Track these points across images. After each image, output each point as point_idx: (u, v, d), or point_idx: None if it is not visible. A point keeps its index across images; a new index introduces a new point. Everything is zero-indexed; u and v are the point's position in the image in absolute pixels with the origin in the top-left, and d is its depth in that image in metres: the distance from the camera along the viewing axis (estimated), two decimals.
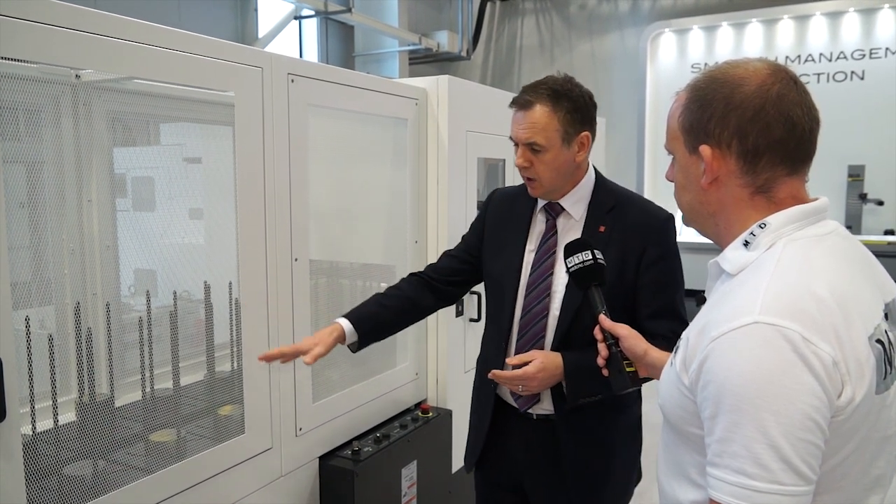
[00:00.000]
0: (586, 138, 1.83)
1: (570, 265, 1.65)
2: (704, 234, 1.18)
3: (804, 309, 0.93)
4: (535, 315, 1.85)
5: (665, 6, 10.02)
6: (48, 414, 1.74)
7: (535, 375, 1.74)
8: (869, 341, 0.96)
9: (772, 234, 1.04)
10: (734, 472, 0.91)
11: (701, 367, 0.97)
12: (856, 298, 0.99)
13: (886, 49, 8.82)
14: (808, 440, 0.89)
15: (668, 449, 1.15)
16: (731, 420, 0.91)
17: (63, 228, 1.97)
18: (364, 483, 2.29)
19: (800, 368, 0.89)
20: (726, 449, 0.92)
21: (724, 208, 1.10)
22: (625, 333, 1.50)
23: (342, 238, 2.68)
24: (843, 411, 0.92)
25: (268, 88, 2.01)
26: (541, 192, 1.87)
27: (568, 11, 10.66)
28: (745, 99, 1.04)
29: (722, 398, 0.93)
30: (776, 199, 1.06)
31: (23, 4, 1.39)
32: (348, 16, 7.60)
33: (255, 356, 2.01)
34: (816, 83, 9.02)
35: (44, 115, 1.83)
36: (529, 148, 1.80)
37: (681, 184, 1.16)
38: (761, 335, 0.91)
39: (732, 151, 1.05)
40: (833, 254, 1.03)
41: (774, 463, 0.89)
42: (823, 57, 9.05)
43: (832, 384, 0.91)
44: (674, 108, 1.15)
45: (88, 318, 2.01)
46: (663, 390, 1.12)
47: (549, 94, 1.78)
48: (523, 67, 10.96)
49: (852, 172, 8.76)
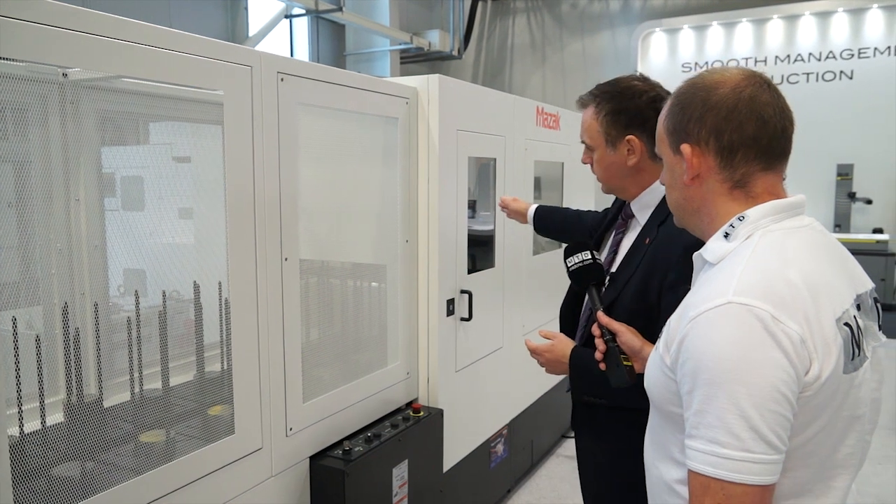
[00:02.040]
0: (634, 142, 1.77)
1: (570, 265, 1.74)
2: (692, 231, 1.26)
3: (775, 291, 1.00)
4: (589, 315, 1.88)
5: (656, 6, 10.04)
6: (36, 415, 1.73)
7: (542, 354, 1.84)
8: (837, 323, 1.04)
9: (750, 226, 1.12)
10: (708, 441, 0.98)
11: (680, 346, 1.04)
12: (825, 283, 1.06)
13: (875, 49, 8.88)
14: (777, 411, 0.96)
15: (653, 431, 1.22)
16: (707, 393, 0.98)
17: (51, 228, 1.95)
18: (355, 483, 2.28)
19: (769, 345, 0.97)
20: (702, 420, 0.99)
21: (707, 203, 1.18)
22: (621, 329, 1.58)
23: (332, 237, 2.67)
24: (810, 387, 0.99)
25: (257, 87, 2.00)
26: (603, 189, 1.93)
27: (559, 10, 10.68)
28: (721, 100, 1.13)
29: (698, 373, 1.00)
30: (753, 194, 1.15)
31: (10, 2, 1.38)
32: (339, 14, 7.58)
33: (245, 356, 2.01)
34: (806, 82, 9.08)
35: (31, 114, 1.82)
36: (586, 146, 1.88)
37: (668, 183, 1.26)
38: (734, 314, 0.99)
39: (710, 148, 1.15)
40: (806, 243, 1.11)
41: (745, 432, 0.95)
42: (813, 56, 9.11)
43: (800, 360, 0.98)
44: (661, 115, 1.25)
45: (76, 318, 2.00)
46: (649, 374, 1.19)
47: (598, 95, 1.82)
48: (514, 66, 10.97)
49: (841, 171, 8.82)
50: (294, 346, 2.21)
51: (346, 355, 2.63)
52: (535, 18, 10.81)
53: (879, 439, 4.36)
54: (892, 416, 4.84)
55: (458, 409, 3.05)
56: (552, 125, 3.99)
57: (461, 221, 3.03)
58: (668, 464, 1.16)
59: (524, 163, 3.64)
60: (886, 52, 8.77)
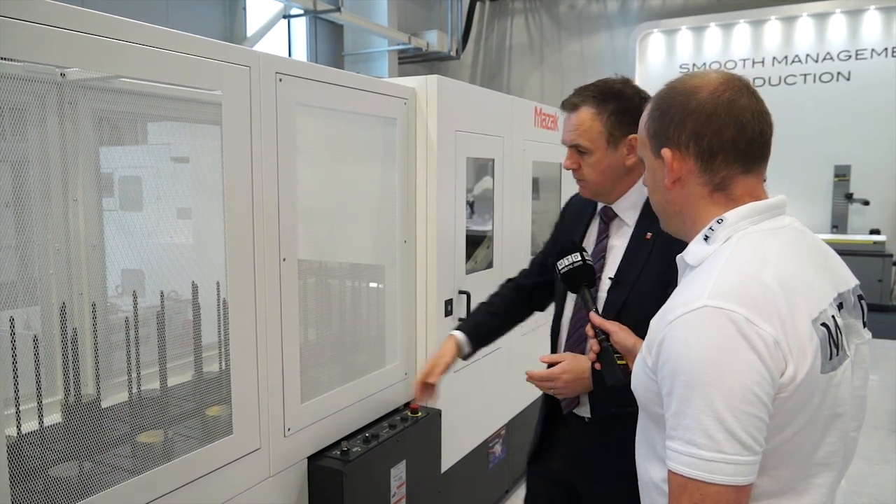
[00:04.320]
0: (636, 141, 1.80)
1: (561, 267, 1.73)
2: (676, 233, 1.28)
3: (749, 294, 1.02)
4: (581, 319, 1.86)
5: (654, 7, 10.05)
6: (34, 415, 1.73)
7: (560, 377, 1.79)
8: (813, 324, 1.05)
9: (728, 229, 1.13)
10: (686, 442, 1.00)
11: (660, 348, 1.06)
12: (802, 285, 1.08)
13: (872, 50, 8.90)
14: (751, 413, 0.97)
15: (642, 431, 1.24)
16: (683, 395, 1.00)
17: (49, 228, 1.95)
18: (353, 483, 2.28)
19: (742, 347, 0.98)
20: (680, 422, 1.01)
21: (688, 206, 1.20)
22: (614, 329, 1.59)
23: (331, 238, 2.67)
24: (786, 388, 1.01)
25: (255, 87, 2.00)
26: (589, 193, 1.90)
27: (557, 11, 10.69)
28: (700, 105, 1.14)
29: (676, 375, 1.02)
30: (734, 196, 1.16)
31: (8, 2, 1.38)
32: (337, 15, 7.58)
33: (243, 356, 2.01)
34: (803, 84, 9.10)
35: (29, 114, 1.82)
36: (576, 150, 1.82)
37: (650, 186, 1.28)
38: (708, 317, 1.01)
39: (690, 153, 1.16)
40: (785, 244, 1.13)
41: (719, 433, 0.97)
42: (810, 58, 9.13)
43: (774, 362, 0.99)
44: (642, 118, 1.26)
45: (74, 318, 1.99)
46: (635, 375, 1.21)
47: (595, 96, 1.79)
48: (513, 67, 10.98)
49: (838, 172, 8.84)
50: (292, 346, 2.20)
51: (345, 356, 2.62)
52: (534, 19, 10.82)
53: (878, 439, 4.37)
54: (891, 416, 4.85)
55: (457, 410, 3.04)
56: (550, 126, 3.99)
57: (460, 222, 3.03)
58: (654, 463, 1.18)
59: (522, 163, 3.65)
60: (884, 54, 8.79)
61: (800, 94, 8.94)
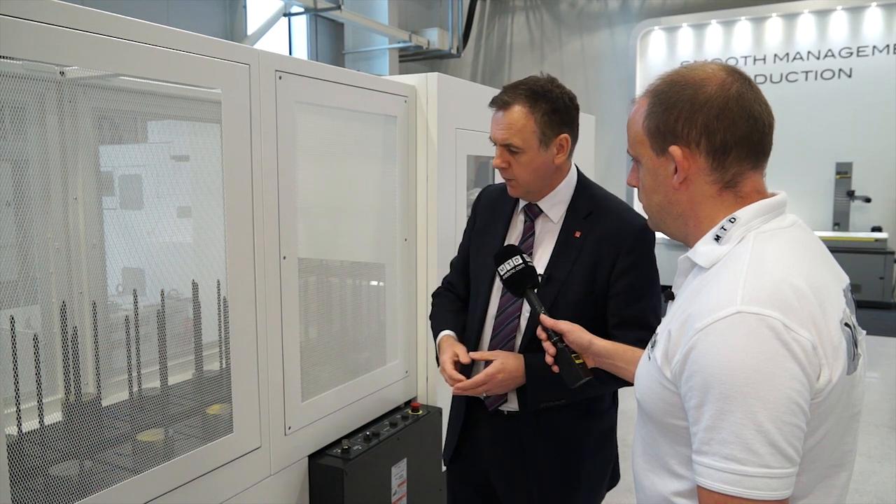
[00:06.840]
0: (566, 140, 1.81)
1: (503, 272, 1.69)
2: (671, 235, 1.21)
3: (783, 298, 0.97)
4: (507, 316, 1.86)
5: (654, 4, 10.04)
6: (34, 414, 1.73)
7: (495, 376, 1.74)
8: (840, 325, 1.02)
9: (742, 228, 1.08)
10: (723, 458, 0.94)
11: (686, 357, 1.00)
12: (825, 286, 1.04)
13: (874, 47, 8.88)
14: (793, 423, 0.93)
15: (646, 443, 1.18)
16: (719, 408, 0.94)
17: (49, 227, 1.95)
18: (354, 481, 2.28)
19: (783, 355, 0.93)
20: (714, 436, 0.95)
21: (693, 206, 1.14)
22: (567, 328, 1.56)
23: (331, 236, 2.67)
24: (821, 393, 0.97)
25: (255, 85, 2.00)
26: (520, 193, 1.87)
27: (558, 9, 10.67)
28: (709, 98, 1.08)
29: (709, 387, 0.95)
30: (742, 194, 1.11)
31: (7, 0, 1.38)
32: (338, 13, 7.57)
33: (244, 355, 2.01)
34: (805, 81, 9.08)
35: (29, 113, 1.81)
36: (507, 149, 1.80)
37: (649, 186, 1.19)
38: (745, 324, 0.95)
39: (701, 150, 1.10)
40: (800, 244, 1.09)
41: (763, 447, 0.92)
42: (811, 55, 9.11)
43: (812, 368, 0.95)
44: (635, 114, 1.18)
45: (75, 317, 1.99)
46: (642, 385, 1.15)
47: (528, 95, 1.77)
48: (513, 65, 10.97)
49: (840, 170, 8.83)
50: (293, 344, 2.20)
51: (345, 354, 2.62)
52: (534, 17, 10.80)
53: (879, 437, 4.36)
54: (892, 414, 4.84)
55: None
56: None
57: (460, 220, 3.02)
58: (663, 476, 1.12)
59: None
60: (885, 51, 8.77)
61: (801, 92, 8.93)
